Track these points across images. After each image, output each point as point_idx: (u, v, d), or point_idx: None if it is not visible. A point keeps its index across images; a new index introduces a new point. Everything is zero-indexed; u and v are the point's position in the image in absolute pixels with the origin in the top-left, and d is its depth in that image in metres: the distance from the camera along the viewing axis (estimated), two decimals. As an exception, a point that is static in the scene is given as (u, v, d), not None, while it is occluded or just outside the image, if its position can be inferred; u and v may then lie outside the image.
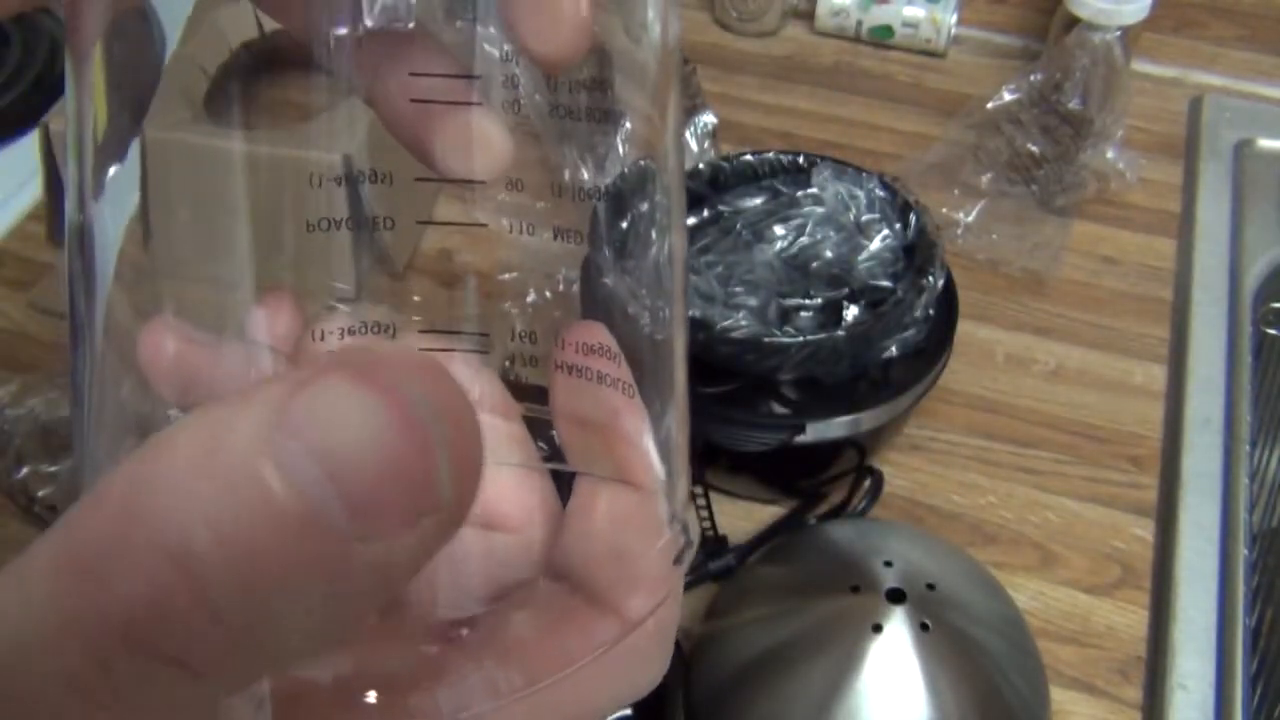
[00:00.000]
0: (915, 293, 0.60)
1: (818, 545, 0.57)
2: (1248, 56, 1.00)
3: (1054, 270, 0.82)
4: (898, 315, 0.59)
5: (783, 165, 0.69)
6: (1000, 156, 0.84)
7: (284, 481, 0.12)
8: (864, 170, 0.68)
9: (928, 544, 0.57)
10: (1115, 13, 0.87)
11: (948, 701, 0.48)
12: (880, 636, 0.48)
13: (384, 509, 0.13)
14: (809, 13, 1.03)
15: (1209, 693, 0.60)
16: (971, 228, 0.82)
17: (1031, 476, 0.70)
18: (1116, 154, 0.86)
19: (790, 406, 0.63)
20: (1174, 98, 0.98)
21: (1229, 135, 0.93)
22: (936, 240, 0.63)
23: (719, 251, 0.68)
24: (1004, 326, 0.79)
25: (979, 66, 1.01)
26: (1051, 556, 0.66)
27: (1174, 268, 0.84)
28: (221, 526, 0.12)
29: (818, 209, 0.69)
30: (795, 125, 0.94)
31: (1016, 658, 0.52)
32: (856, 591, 0.50)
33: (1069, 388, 0.75)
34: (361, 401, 0.13)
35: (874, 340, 0.59)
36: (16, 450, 0.65)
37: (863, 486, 0.64)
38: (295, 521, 0.12)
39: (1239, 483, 0.70)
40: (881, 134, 0.94)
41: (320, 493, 0.12)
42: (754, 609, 0.53)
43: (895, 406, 0.63)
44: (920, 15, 0.99)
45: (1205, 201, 0.88)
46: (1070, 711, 0.60)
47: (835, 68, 1.01)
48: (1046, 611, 0.64)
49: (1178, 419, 0.73)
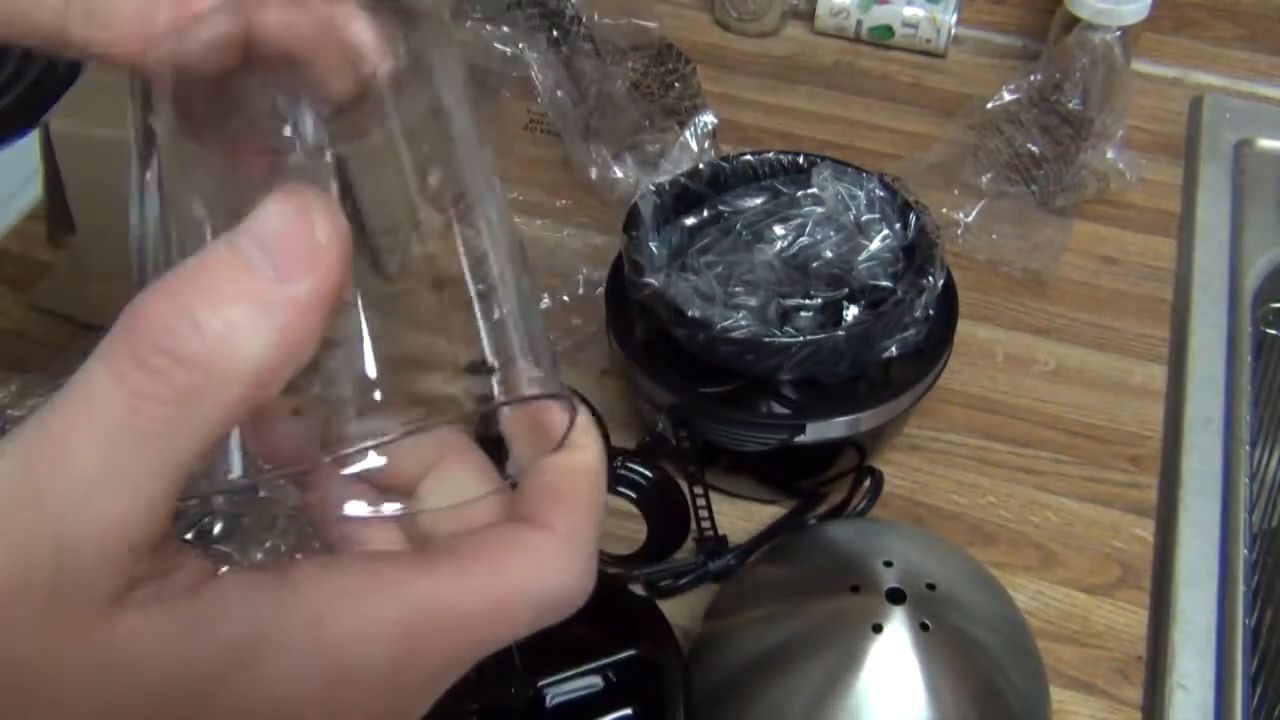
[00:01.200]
0: (915, 293, 0.60)
1: (818, 545, 0.57)
2: (1248, 56, 1.00)
3: (1054, 270, 0.82)
4: (898, 315, 0.59)
5: (783, 165, 0.69)
6: (1000, 156, 0.84)
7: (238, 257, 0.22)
8: (864, 170, 0.68)
9: (928, 544, 0.57)
10: (1115, 13, 0.87)
11: (948, 701, 0.48)
12: (880, 636, 0.48)
13: (287, 260, 0.22)
14: (809, 13, 1.03)
15: (1209, 693, 0.60)
16: (971, 228, 0.82)
17: (1031, 476, 0.70)
18: (1116, 154, 0.86)
19: (790, 406, 0.63)
20: (1174, 98, 0.98)
21: (1229, 135, 0.93)
22: (937, 240, 0.63)
23: (719, 251, 0.68)
24: (1004, 326, 0.79)
25: (979, 66, 1.01)
26: (1051, 556, 0.66)
27: (1174, 268, 0.84)
28: None
29: (818, 209, 0.69)
30: (795, 125, 0.94)
31: (1016, 658, 0.52)
32: (856, 591, 0.50)
33: (1069, 388, 0.75)
34: (280, 207, 0.22)
35: (874, 340, 0.59)
36: (16, 450, 0.65)
37: (863, 486, 0.64)
38: (244, 273, 0.22)
39: (1239, 483, 0.70)
40: (881, 134, 0.94)
41: (254, 256, 0.22)
42: (754, 609, 0.53)
43: (895, 406, 0.63)
44: (920, 15, 0.99)
45: (1205, 201, 0.88)
46: (1070, 711, 0.60)
47: (835, 68, 1.01)
48: (1046, 611, 0.64)
49: (1178, 419, 0.73)
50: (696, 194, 0.68)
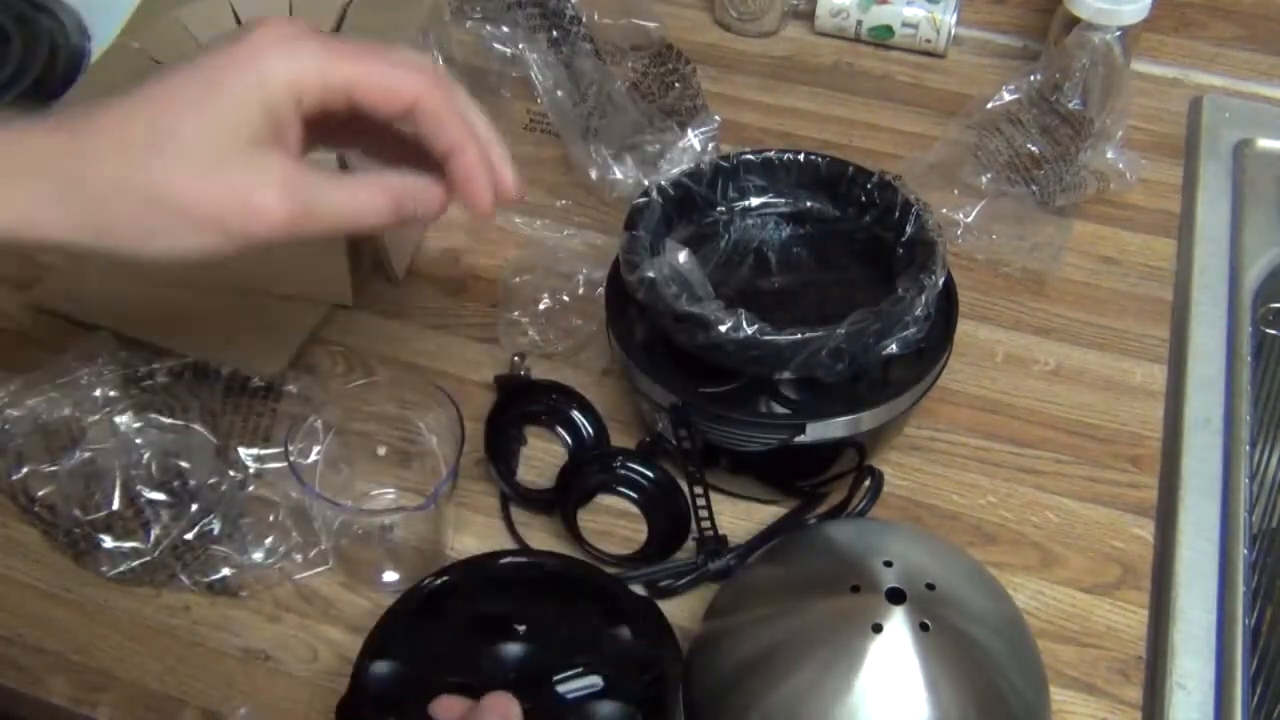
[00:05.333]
0: (916, 290, 0.60)
1: (818, 545, 0.57)
2: (1248, 56, 1.00)
3: (1054, 270, 0.82)
4: (898, 314, 0.59)
5: (782, 164, 0.70)
6: (1000, 156, 0.84)
7: None
8: (864, 168, 0.68)
9: (928, 544, 0.57)
10: (1115, 13, 0.87)
11: (948, 701, 0.48)
12: (880, 636, 0.48)
13: (407, 210, 0.50)
14: (809, 13, 1.03)
15: (1209, 693, 0.60)
16: (971, 228, 0.82)
17: (1031, 476, 0.70)
18: (1116, 154, 0.86)
19: (790, 406, 0.63)
20: (1174, 98, 0.98)
21: (1229, 135, 0.93)
22: (937, 238, 0.63)
23: (719, 251, 0.68)
24: (1004, 326, 0.79)
25: (979, 66, 1.01)
26: (1051, 556, 0.66)
27: (1174, 268, 0.84)
28: None
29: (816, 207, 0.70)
30: (795, 125, 0.94)
31: (1016, 658, 0.52)
32: (856, 591, 0.50)
33: (1069, 388, 0.75)
34: None
35: (874, 339, 0.59)
36: (16, 450, 0.65)
37: (863, 486, 0.64)
38: None
39: (1239, 483, 0.70)
40: (881, 134, 0.94)
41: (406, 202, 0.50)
42: (754, 609, 0.53)
43: (895, 406, 0.63)
44: (920, 15, 0.99)
45: (1205, 201, 0.88)
46: (1070, 711, 0.60)
47: (835, 68, 1.01)
48: (1046, 611, 0.64)
49: (1177, 419, 0.73)
50: (697, 194, 0.68)
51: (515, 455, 0.70)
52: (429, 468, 0.64)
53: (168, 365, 0.69)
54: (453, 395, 0.61)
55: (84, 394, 0.65)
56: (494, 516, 0.67)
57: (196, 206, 0.46)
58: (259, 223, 0.47)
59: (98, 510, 0.62)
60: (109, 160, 0.46)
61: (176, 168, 0.46)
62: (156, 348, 0.71)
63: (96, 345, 0.69)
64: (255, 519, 0.65)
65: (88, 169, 0.46)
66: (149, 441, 0.63)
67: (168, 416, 0.65)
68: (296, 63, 0.47)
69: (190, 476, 0.63)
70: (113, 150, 0.46)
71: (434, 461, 0.64)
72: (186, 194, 0.46)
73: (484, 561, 0.60)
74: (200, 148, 0.46)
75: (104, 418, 0.64)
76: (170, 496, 0.62)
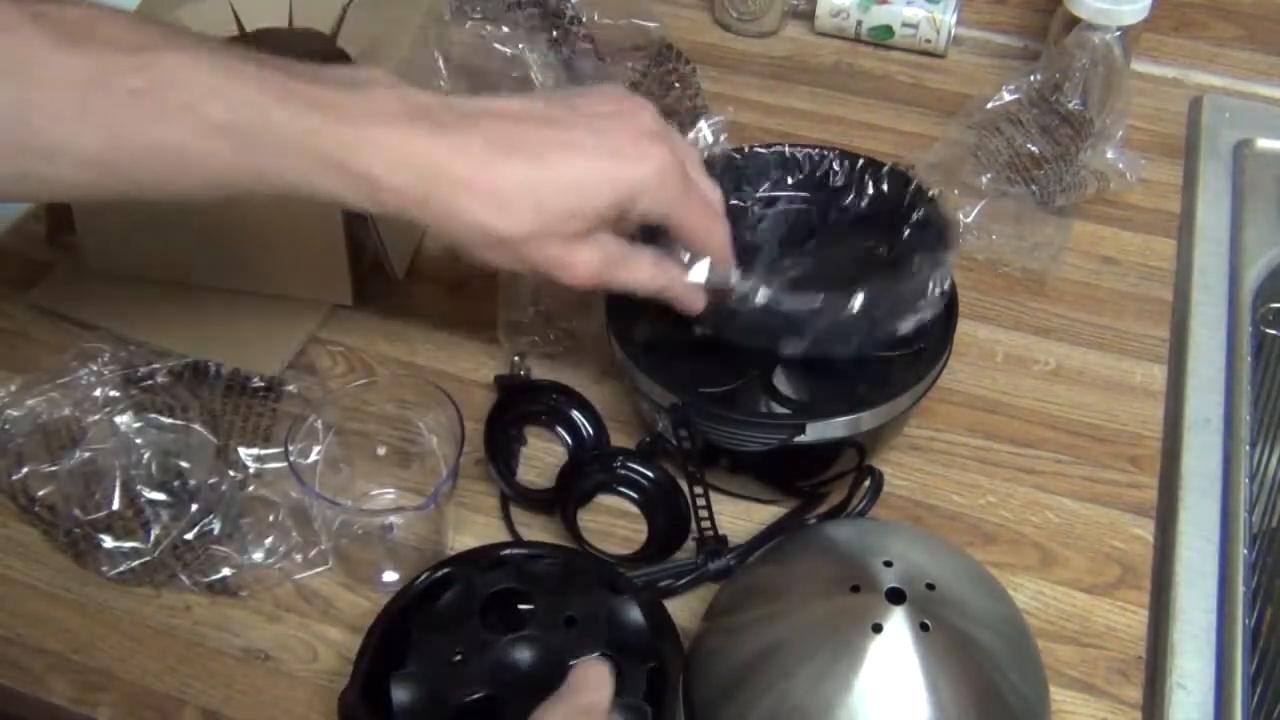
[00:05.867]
0: (930, 266, 0.61)
1: (818, 545, 0.57)
2: (1248, 56, 1.00)
3: (1054, 270, 0.82)
4: (913, 290, 0.60)
5: (795, 158, 0.71)
6: (1000, 156, 0.84)
7: None
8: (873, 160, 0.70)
9: (928, 544, 0.57)
10: (1115, 13, 0.87)
11: (948, 701, 0.48)
12: (880, 636, 0.48)
13: (665, 298, 0.60)
14: (809, 13, 1.03)
15: (1209, 693, 0.60)
16: (971, 228, 0.82)
17: (1031, 476, 0.70)
18: (1116, 154, 0.86)
19: (790, 406, 0.64)
20: (1174, 98, 0.98)
21: (1229, 135, 0.93)
22: (951, 218, 0.64)
23: None
24: (1004, 326, 0.79)
25: (979, 66, 1.01)
26: (1051, 556, 0.66)
27: (1174, 268, 0.84)
28: None
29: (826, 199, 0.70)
30: (795, 125, 0.94)
31: (1016, 658, 0.52)
32: (856, 591, 0.50)
33: (1069, 388, 0.75)
34: None
35: (889, 313, 0.60)
36: (16, 450, 0.65)
37: (863, 486, 0.64)
38: None
39: (1238, 483, 0.70)
40: (881, 134, 0.94)
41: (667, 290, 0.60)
42: (754, 609, 0.53)
43: (895, 406, 0.63)
44: (920, 15, 0.99)
45: (1205, 201, 0.88)
46: (1070, 711, 0.60)
47: (835, 68, 1.01)
48: (1046, 611, 0.64)
49: (1177, 419, 0.73)
50: None
51: (515, 455, 0.70)
52: (429, 468, 0.65)
53: (168, 365, 0.69)
54: (453, 395, 0.61)
55: (84, 394, 0.65)
56: (494, 516, 0.68)
57: (525, 249, 0.52)
58: (569, 278, 0.54)
59: (98, 510, 0.62)
60: (463, 164, 0.51)
61: (527, 213, 0.52)
62: (156, 348, 0.71)
63: (96, 345, 0.69)
64: (255, 519, 0.65)
65: (447, 165, 0.51)
66: (149, 441, 0.63)
67: (168, 416, 0.65)
68: (662, 195, 0.53)
69: (190, 476, 0.63)
70: (480, 154, 0.51)
71: (434, 461, 0.64)
72: (518, 234, 0.52)
73: (486, 552, 0.60)
74: (558, 207, 0.52)
75: (104, 418, 0.64)
76: (170, 496, 0.62)
